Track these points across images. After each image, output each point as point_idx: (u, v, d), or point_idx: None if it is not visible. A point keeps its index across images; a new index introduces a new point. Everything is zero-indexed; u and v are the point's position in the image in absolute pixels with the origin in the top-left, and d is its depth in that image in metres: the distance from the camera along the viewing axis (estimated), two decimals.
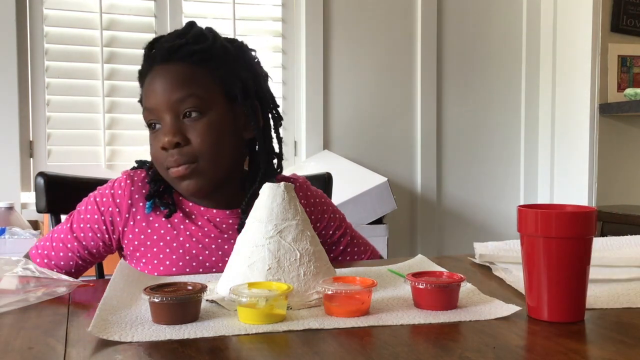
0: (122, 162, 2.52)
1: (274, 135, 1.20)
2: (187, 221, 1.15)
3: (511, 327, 0.76)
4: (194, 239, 1.13)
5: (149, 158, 1.18)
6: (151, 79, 1.12)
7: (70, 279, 0.92)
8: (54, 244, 1.15)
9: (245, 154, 1.19)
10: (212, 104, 1.11)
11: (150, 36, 2.54)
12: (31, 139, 2.44)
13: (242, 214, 1.13)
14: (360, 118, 2.81)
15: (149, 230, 1.14)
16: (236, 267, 0.89)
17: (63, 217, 1.33)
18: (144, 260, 1.14)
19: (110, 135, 2.52)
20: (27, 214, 2.32)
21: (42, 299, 0.86)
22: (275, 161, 1.20)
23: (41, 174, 1.30)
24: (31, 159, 2.45)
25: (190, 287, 0.80)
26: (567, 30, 2.90)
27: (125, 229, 1.14)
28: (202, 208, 1.16)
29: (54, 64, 2.46)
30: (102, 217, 1.14)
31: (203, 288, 0.79)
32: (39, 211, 1.32)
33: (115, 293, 0.86)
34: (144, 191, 1.15)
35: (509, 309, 0.81)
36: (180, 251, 1.13)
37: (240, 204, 1.14)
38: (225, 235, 1.14)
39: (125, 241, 1.15)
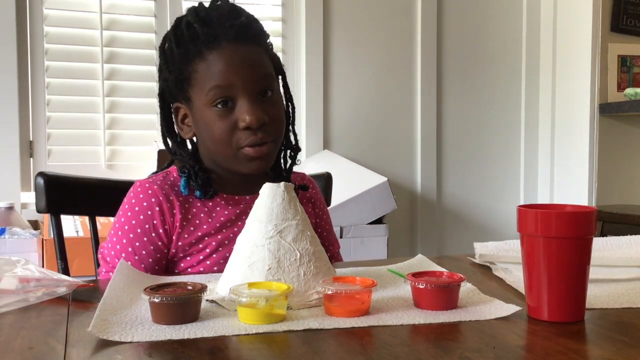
0: (122, 162, 2.52)
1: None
2: (225, 212, 1.13)
3: (511, 327, 0.76)
4: (235, 229, 1.12)
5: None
6: (222, 58, 1.08)
7: (70, 279, 0.92)
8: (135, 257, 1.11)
9: None
10: (276, 83, 1.15)
11: (151, 36, 2.56)
12: (31, 139, 2.44)
13: None
14: (360, 118, 2.81)
15: (192, 228, 1.11)
16: (236, 267, 0.89)
17: (63, 218, 1.33)
18: (188, 258, 1.11)
19: (110, 135, 2.52)
20: (27, 214, 2.31)
21: (42, 299, 0.86)
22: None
23: (41, 174, 1.30)
24: (31, 159, 2.44)
25: (190, 287, 0.80)
26: (567, 30, 2.90)
27: (179, 231, 1.11)
28: (236, 197, 1.15)
29: (54, 64, 2.46)
30: (154, 234, 1.10)
31: (203, 288, 0.79)
32: (39, 211, 1.31)
33: (115, 293, 0.86)
34: (175, 193, 1.12)
35: (509, 309, 0.81)
36: (226, 242, 1.11)
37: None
38: None
39: (174, 250, 1.12)
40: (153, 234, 1.10)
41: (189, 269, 1.11)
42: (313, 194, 1.27)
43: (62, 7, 2.46)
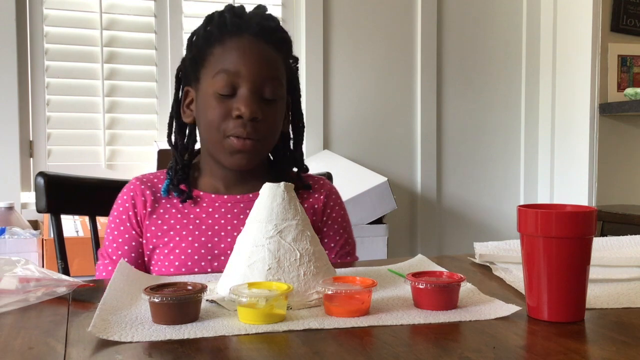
0: (122, 162, 2.52)
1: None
2: (197, 210, 1.16)
3: (511, 327, 0.76)
4: (203, 227, 1.14)
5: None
6: (239, 46, 1.12)
7: (70, 279, 0.92)
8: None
9: None
10: (283, 91, 1.17)
11: (150, 36, 2.56)
12: (31, 139, 2.44)
13: None
14: (360, 118, 2.81)
15: (160, 222, 1.16)
16: (236, 267, 0.89)
17: (63, 218, 1.34)
18: (157, 251, 1.15)
19: (110, 135, 2.52)
20: (27, 214, 2.31)
21: (42, 299, 0.86)
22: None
23: (41, 173, 1.30)
24: (31, 159, 2.44)
25: (190, 287, 0.80)
26: (567, 30, 2.90)
27: (147, 222, 1.17)
28: (212, 195, 1.17)
29: (54, 64, 2.46)
30: (129, 224, 1.17)
31: (203, 288, 0.79)
32: (39, 211, 1.32)
33: (115, 293, 0.86)
34: (154, 189, 1.18)
35: (509, 309, 0.81)
36: (190, 239, 1.13)
37: (251, 190, 1.18)
38: (235, 222, 1.15)
39: (144, 240, 1.17)
40: (128, 224, 1.17)
41: (159, 262, 1.15)
42: (318, 199, 1.24)
43: (62, 7, 2.46)
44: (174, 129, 1.21)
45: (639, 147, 2.90)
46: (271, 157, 1.26)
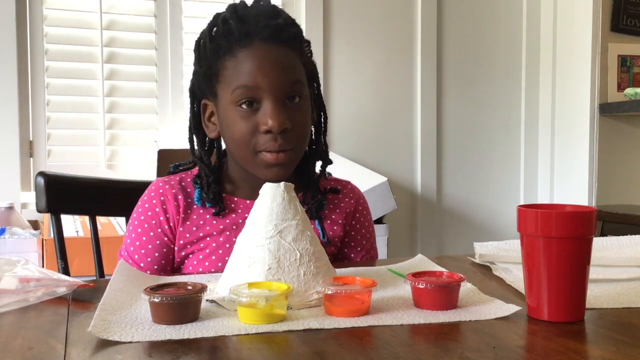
0: (122, 162, 2.52)
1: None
2: (233, 215, 1.13)
3: (511, 327, 0.76)
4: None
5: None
6: (252, 57, 1.06)
7: (70, 279, 0.92)
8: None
9: None
10: (305, 89, 1.12)
11: (150, 36, 2.56)
12: (31, 139, 2.44)
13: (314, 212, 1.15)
14: (360, 118, 2.81)
15: (194, 228, 1.12)
16: (236, 267, 0.89)
17: (63, 217, 1.33)
18: (190, 256, 1.12)
19: (110, 135, 2.52)
20: (27, 214, 2.31)
21: (42, 299, 0.86)
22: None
23: (41, 173, 1.30)
24: (31, 159, 2.45)
25: (190, 287, 0.80)
26: (567, 30, 2.90)
27: (181, 229, 1.13)
28: (247, 201, 1.14)
29: (54, 64, 2.46)
30: (160, 229, 1.13)
31: (203, 288, 0.79)
32: (39, 211, 1.32)
33: (115, 293, 0.86)
34: (185, 194, 1.14)
35: (509, 309, 0.81)
36: (227, 245, 1.11)
37: None
38: None
39: (177, 248, 1.13)
40: (159, 230, 1.13)
41: (190, 268, 1.12)
42: (349, 203, 1.22)
43: (62, 8, 2.46)
44: (195, 144, 1.16)
45: (639, 147, 2.90)
46: None
